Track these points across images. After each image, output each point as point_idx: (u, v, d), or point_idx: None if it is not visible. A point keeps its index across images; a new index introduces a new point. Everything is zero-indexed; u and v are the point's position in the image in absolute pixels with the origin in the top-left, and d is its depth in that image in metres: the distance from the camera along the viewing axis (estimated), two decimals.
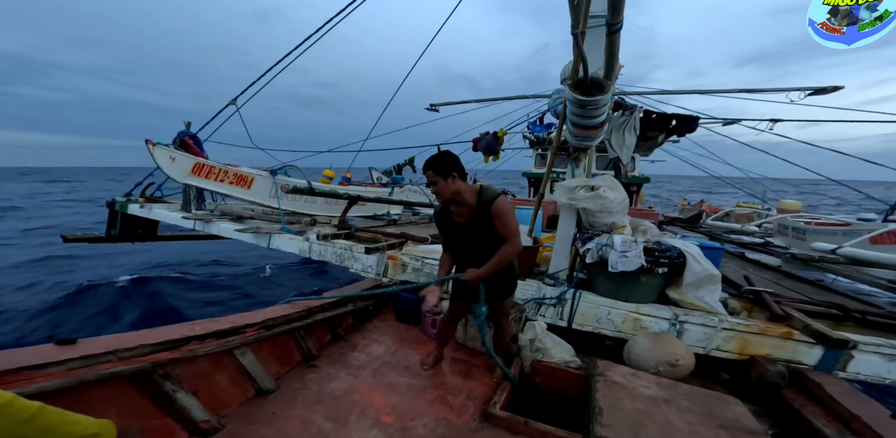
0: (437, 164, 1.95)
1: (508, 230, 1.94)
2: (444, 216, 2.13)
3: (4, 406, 0.91)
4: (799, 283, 3.96)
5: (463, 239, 2.10)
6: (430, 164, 1.96)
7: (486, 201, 1.94)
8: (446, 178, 1.94)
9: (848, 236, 5.03)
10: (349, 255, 4.02)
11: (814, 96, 6.97)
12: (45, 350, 1.42)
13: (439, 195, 2.00)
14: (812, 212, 9.69)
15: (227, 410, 1.84)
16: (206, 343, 1.86)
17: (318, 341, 2.63)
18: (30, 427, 0.95)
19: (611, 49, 2.54)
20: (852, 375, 2.39)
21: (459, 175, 1.97)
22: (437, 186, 1.96)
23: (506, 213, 1.93)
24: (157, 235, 6.88)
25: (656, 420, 1.79)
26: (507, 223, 1.94)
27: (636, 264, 2.65)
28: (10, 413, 0.92)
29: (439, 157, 1.99)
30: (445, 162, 1.95)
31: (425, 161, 2.00)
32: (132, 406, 1.54)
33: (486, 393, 2.19)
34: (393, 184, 8.80)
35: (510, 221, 1.94)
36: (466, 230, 2.04)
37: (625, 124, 3.85)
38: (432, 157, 2.00)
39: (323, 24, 5.30)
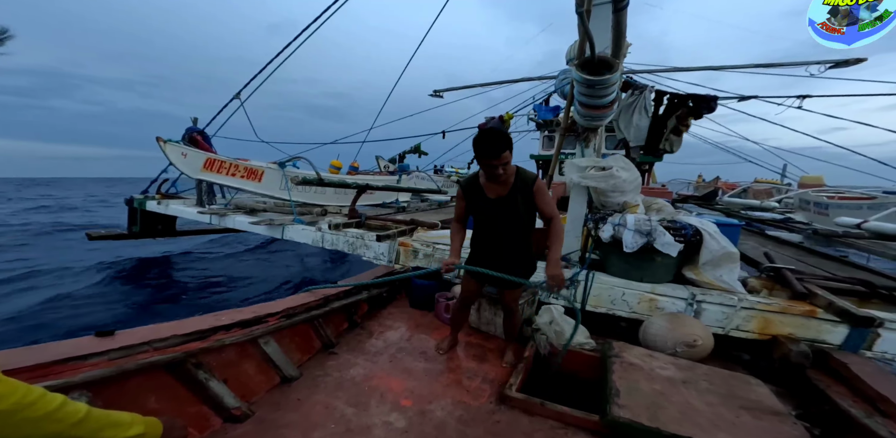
0: (508, 141, 1.85)
1: (550, 208, 2.03)
2: (473, 189, 2.10)
3: (56, 409, 0.93)
4: (822, 259, 3.86)
5: (492, 213, 2.08)
6: (503, 143, 1.83)
7: (528, 179, 2.00)
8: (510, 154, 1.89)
9: (873, 210, 4.86)
10: (361, 243, 4.06)
11: (835, 69, 6.63)
12: (87, 342, 1.49)
13: (503, 175, 1.93)
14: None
15: (255, 397, 1.90)
16: (231, 333, 1.92)
17: (336, 328, 2.68)
18: (80, 430, 0.97)
19: (617, 27, 2.44)
20: (879, 354, 2.33)
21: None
22: (507, 165, 1.90)
23: (545, 192, 2.03)
24: (175, 230, 7.05)
25: (674, 400, 1.79)
26: (549, 201, 2.03)
27: (676, 246, 2.58)
28: (62, 417, 0.94)
29: (503, 134, 1.86)
30: (508, 138, 1.87)
31: (493, 141, 1.83)
32: (170, 394, 1.61)
33: (501, 376, 2.21)
34: (400, 171, 8.78)
35: (550, 199, 2.04)
36: (501, 205, 2.04)
37: (634, 104, 3.73)
38: (495, 136, 1.84)
39: (319, 15, 5.21)
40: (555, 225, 2.03)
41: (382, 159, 10.63)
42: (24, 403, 0.88)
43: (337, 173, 8.02)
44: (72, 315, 4.67)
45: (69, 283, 5.94)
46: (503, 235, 2.11)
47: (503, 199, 2.03)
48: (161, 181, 6.77)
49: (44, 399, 0.92)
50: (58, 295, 5.25)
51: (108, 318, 4.67)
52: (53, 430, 0.92)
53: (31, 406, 0.89)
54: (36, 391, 0.92)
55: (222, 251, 8.71)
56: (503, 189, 2.03)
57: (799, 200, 7.04)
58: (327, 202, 6.19)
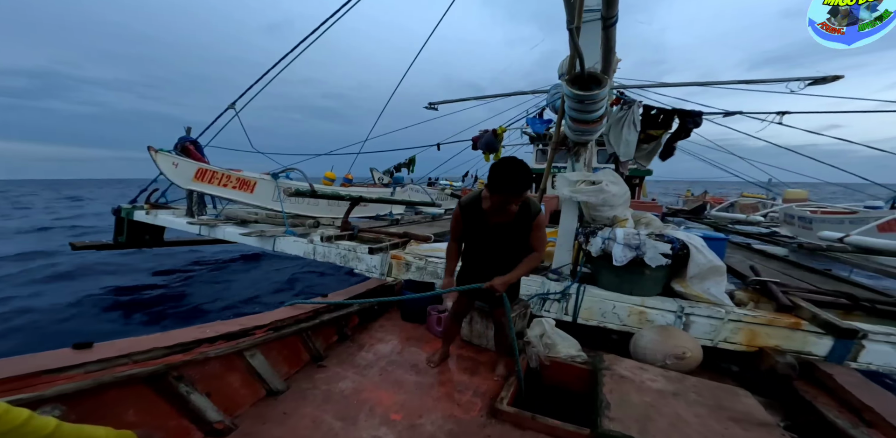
0: (532, 181, 1.90)
1: (540, 242, 2.07)
2: (475, 213, 2.09)
3: (22, 424, 0.91)
4: (806, 273, 3.93)
5: (490, 238, 2.12)
6: (529, 183, 1.85)
7: (534, 212, 2.02)
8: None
9: (855, 224, 4.99)
10: (353, 256, 4.05)
11: (814, 86, 6.91)
12: (64, 354, 1.45)
13: (508, 209, 1.95)
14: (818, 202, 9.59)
15: (239, 410, 1.86)
16: (216, 346, 1.89)
17: (326, 341, 2.65)
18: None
19: (607, 43, 2.53)
20: (864, 365, 2.37)
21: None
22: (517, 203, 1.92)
23: (544, 227, 2.09)
24: (163, 240, 6.95)
25: (665, 413, 1.79)
26: (542, 236, 2.08)
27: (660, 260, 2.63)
28: (29, 431, 0.92)
29: (528, 174, 1.83)
30: (532, 179, 1.90)
31: (519, 179, 1.80)
32: (149, 408, 1.57)
33: (492, 390, 2.19)
34: (394, 184, 8.81)
35: (543, 234, 2.10)
36: (502, 232, 2.07)
37: (623, 119, 3.83)
38: (522, 175, 1.80)
39: (317, 27, 5.31)
40: (533, 256, 2.04)
41: (377, 171, 10.68)
42: None
43: (331, 184, 8.03)
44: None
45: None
46: (498, 257, 2.13)
47: (506, 226, 2.05)
48: (151, 191, 6.71)
49: (9, 415, 0.90)
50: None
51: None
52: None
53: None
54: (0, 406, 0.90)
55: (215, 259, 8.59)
56: (507, 217, 2.03)
57: (784, 214, 7.20)
58: (320, 214, 6.18)
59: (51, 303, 5.25)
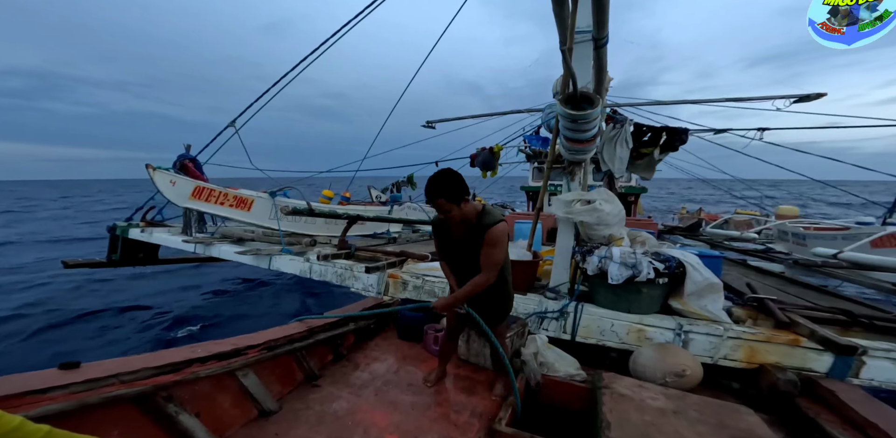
0: (447, 191, 1.81)
1: (489, 261, 1.90)
2: (442, 228, 2.14)
3: (14, 429, 0.93)
4: (803, 289, 3.94)
5: (457, 253, 2.11)
6: (440, 191, 1.81)
7: (485, 225, 1.88)
8: (459, 203, 1.85)
9: (848, 240, 5.03)
10: (350, 274, 4.02)
11: (800, 103, 7.13)
12: (49, 375, 1.42)
13: (451, 219, 1.92)
14: (810, 216, 9.72)
15: (229, 431, 1.81)
16: (207, 365, 1.85)
17: (320, 360, 2.60)
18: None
19: (599, 63, 2.63)
20: (866, 382, 2.35)
21: (467, 197, 1.89)
22: (452, 213, 1.86)
23: (496, 243, 1.87)
24: (157, 258, 6.88)
25: (665, 431, 1.75)
26: (492, 254, 1.89)
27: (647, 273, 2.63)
28: (22, 436, 0.94)
29: (447, 182, 1.82)
30: (455, 187, 1.82)
31: (431, 186, 1.83)
32: (136, 429, 1.53)
33: (490, 410, 2.15)
34: (392, 202, 8.85)
35: (496, 252, 1.89)
36: (462, 246, 2.04)
37: (616, 137, 3.93)
38: (438, 181, 1.82)
39: (319, 46, 5.44)
40: (478, 277, 1.91)
41: (374, 189, 10.74)
42: None
43: (328, 202, 8.05)
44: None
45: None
46: (466, 273, 2.03)
47: (464, 240, 2.00)
48: (147, 209, 6.71)
49: (2, 420, 0.93)
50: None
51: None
52: None
53: None
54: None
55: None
56: (465, 230, 1.98)
57: (778, 231, 7.26)
58: (317, 232, 6.17)
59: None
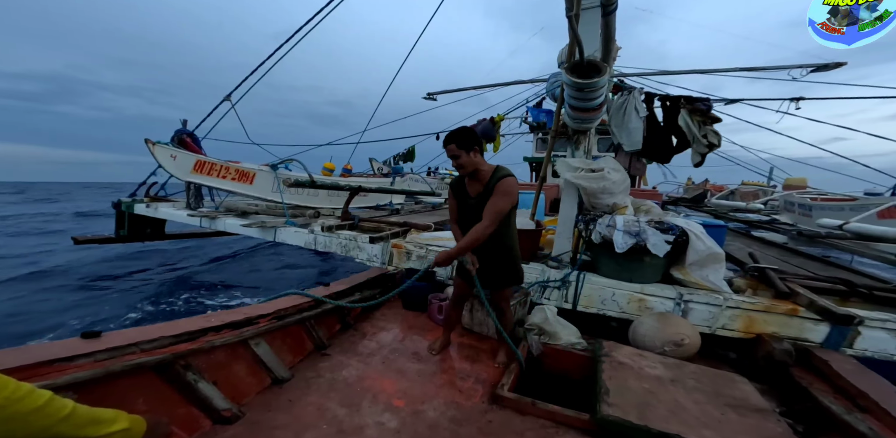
0: (459, 138, 1.96)
1: (491, 209, 1.92)
2: (459, 189, 2.17)
3: (44, 405, 0.96)
4: (805, 260, 3.95)
5: (471, 213, 2.10)
6: (452, 137, 1.97)
7: (497, 177, 1.98)
8: (469, 151, 1.97)
9: (855, 212, 4.99)
10: (354, 245, 4.06)
11: (817, 73, 6.82)
12: (73, 344, 1.47)
13: (462, 169, 2.02)
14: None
15: (245, 399, 1.90)
16: (222, 334, 1.91)
17: (329, 330, 2.68)
18: (67, 425, 1.00)
19: (606, 30, 2.49)
20: (860, 352, 2.39)
21: (480, 149, 2.02)
22: (461, 159, 1.98)
23: (504, 194, 1.93)
24: (164, 233, 6.97)
25: (663, 399, 1.82)
26: (496, 203, 1.93)
27: (664, 247, 2.63)
28: (51, 413, 0.97)
29: (461, 131, 1.99)
30: (467, 136, 1.97)
31: (446, 135, 2.00)
32: (158, 396, 1.60)
33: (493, 377, 2.23)
34: (394, 174, 8.78)
35: (501, 202, 1.93)
36: (476, 205, 2.05)
37: (625, 105, 3.78)
38: (453, 131, 2.00)
39: (314, 16, 5.21)
40: (479, 226, 1.92)
41: (376, 161, 10.63)
42: (14, 398, 0.90)
43: (330, 175, 8.00)
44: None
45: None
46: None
47: (478, 198, 2.05)
48: (150, 184, 6.69)
49: (33, 395, 0.95)
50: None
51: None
52: (42, 425, 0.95)
53: (20, 401, 0.91)
54: (25, 386, 0.95)
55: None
56: (479, 188, 2.05)
57: (784, 201, 7.19)
58: (320, 205, 6.18)
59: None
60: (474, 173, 2.05)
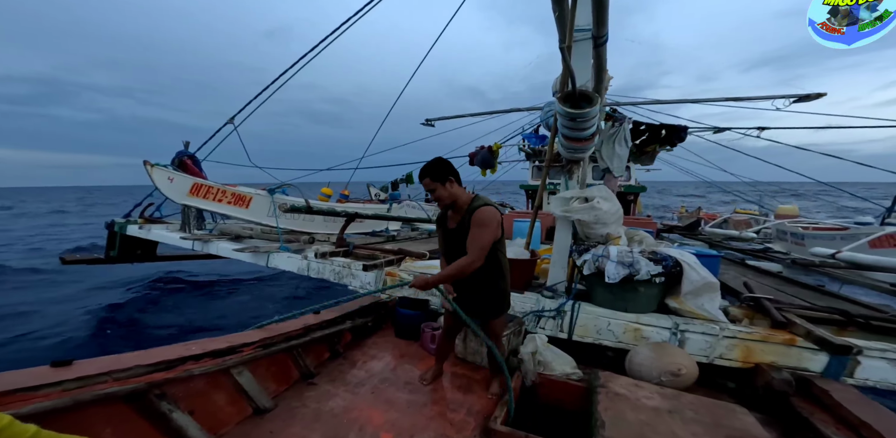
0: (432, 171, 1.96)
1: (474, 243, 1.87)
2: (442, 221, 2.17)
3: (3, 429, 0.92)
4: (800, 289, 3.94)
5: (451, 244, 2.08)
6: (426, 171, 1.97)
7: (473, 208, 1.93)
8: (444, 183, 1.96)
9: (846, 240, 5.04)
10: (347, 272, 4.02)
11: (800, 103, 7.13)
12: (41, 372, 1.41)
13: (440, 201, 2.01)
14: (810, 216, 9.73)
15: (224, 429, 1.81)
16: (202, 363, 1.84)
17: (317, 358, 2.60)
18: None
19: (598, 61, 2.61)
20: (861, 381, 2.35)
21: (455, 180, 1.99)
22: (437, 192, 1.98)
23: (482, 224, 1.87)
24: (156, 255, 6.88)
25: (660, 431, 1.76)
26: (478, 236, 1.87)
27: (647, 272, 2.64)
28: (10, 436, 0.92)
29: (433, 163, 1.99)
30: (439, 168, 1.97)
31: (420, 169, 2.01)
32: (128, 427, 1.53)
33: (486, 408, 2.15)
34: (391, 200, 8.84)
35: (482, 234, 1.87)
36: (457, 236, 2.02)
37: (615, 136, 3.92)
38: (426, 164, 2.00)
39: (318, 43, 5.45)
40: (465, 259, 1.86)
41: (373, 187, 10.73)
42: None
43: (327, 200, 8.04)
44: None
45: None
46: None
47: (458, 229, 2.01)
48: (146, 206, 6.69)
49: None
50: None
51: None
52: None
53: None
54: None
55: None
56: (458, 218, 2.02)
57: (776, 230, 7.27)
58: (316, 230, 6.16)
59: None
60: (453, 204, 2.02)
